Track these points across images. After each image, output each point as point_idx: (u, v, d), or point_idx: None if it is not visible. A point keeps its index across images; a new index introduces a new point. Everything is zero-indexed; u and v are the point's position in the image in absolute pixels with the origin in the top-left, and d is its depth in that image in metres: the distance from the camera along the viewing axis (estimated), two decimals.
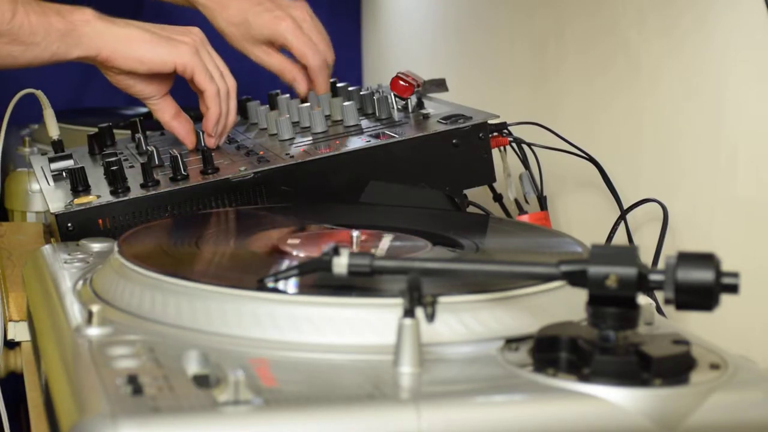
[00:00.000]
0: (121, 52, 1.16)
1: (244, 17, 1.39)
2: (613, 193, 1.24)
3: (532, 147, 1.25)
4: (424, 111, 1.28)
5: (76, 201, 1.13)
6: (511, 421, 0.69)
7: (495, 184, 1.26)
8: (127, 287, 0.87)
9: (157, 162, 1.21)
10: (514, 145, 1.25)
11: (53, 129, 1.35)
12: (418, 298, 0.72)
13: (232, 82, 1.24)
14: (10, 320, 1.10)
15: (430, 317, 0.72)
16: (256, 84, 1.46)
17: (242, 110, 1.42)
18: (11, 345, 1.14)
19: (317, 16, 1.44)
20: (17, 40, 1.13)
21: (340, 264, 0.79)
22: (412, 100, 1.30)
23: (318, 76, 1.40)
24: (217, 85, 1.21)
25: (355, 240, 0.97)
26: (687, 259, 0.72)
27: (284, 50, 1.43)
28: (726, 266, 0.72)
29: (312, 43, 1.40)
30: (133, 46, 1.16)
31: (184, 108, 1.28)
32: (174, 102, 1.25)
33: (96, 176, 1.21)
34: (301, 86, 1.40)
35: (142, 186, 1.15)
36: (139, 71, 1.18)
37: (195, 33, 1.22)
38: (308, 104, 1.32)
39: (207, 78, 1.20)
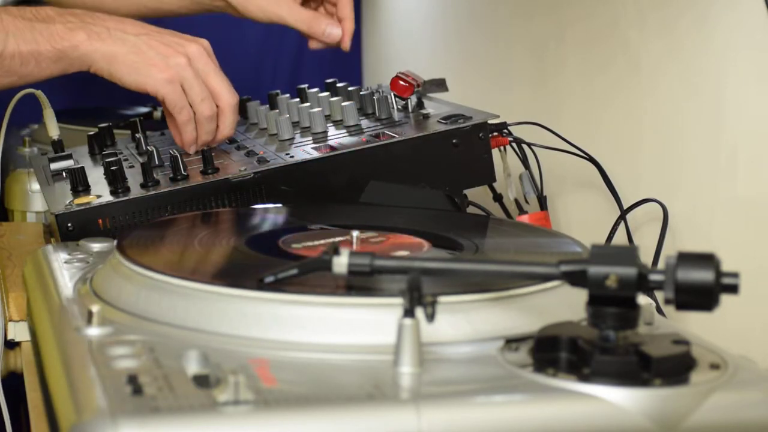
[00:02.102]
0: (105, 70, 1.18)
1: None
2: (613, 193, 1.24)
3: (532, 147, 1.25)
4: (424, 111, 1.28)
5: (76, 201, 1.13)
6: (511, 421, 0.69)
7: (495, 184, 1.26)
8: (127, 287, 0.87)
9: (157, 162, 1.21)
10: (514, 145, 1.25)
11: (53, 129, 1.35)
12: (418, 298, 0.72)
13: (226, 101, 1.20)
14: (10, 320, 1.10)
15: (430, 317, 0.72)
16: (256, 84, 1.45)
17: (242, 110, 1.41)
18: (11, 345, 1.14)
19: None
20: (10, 72, 1.16)
21: (340, 264, 0.79)
22: (412, 100, 1.30)
23: (352, 15, 1.36)
24: (193, 111, 1.19)
25: (355, 240, 0.97)
26: (687, 259, 0.72)
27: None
28: (726, 266, 0.72)
29: None
30: (114, 67, 1.18)
31: None
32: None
33: (96, 176, 1.21)
34: (338, 30, 1.35)
35: (142, 186, 1.15)
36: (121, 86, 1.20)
37: (191, 51, 1.19)
38: (308, 104, 1.32)
39: (177, 107, 1.18)
